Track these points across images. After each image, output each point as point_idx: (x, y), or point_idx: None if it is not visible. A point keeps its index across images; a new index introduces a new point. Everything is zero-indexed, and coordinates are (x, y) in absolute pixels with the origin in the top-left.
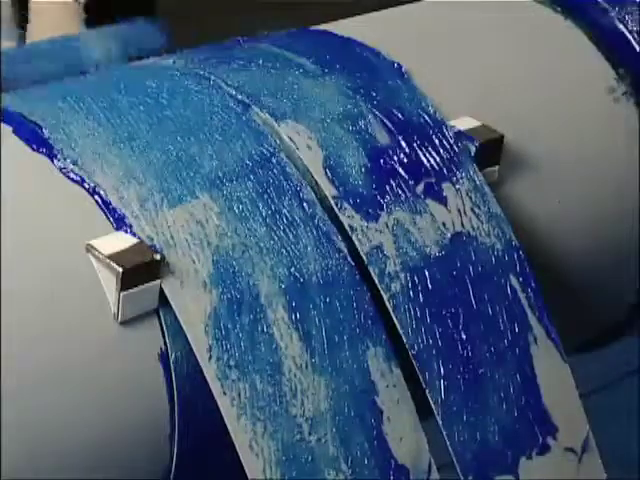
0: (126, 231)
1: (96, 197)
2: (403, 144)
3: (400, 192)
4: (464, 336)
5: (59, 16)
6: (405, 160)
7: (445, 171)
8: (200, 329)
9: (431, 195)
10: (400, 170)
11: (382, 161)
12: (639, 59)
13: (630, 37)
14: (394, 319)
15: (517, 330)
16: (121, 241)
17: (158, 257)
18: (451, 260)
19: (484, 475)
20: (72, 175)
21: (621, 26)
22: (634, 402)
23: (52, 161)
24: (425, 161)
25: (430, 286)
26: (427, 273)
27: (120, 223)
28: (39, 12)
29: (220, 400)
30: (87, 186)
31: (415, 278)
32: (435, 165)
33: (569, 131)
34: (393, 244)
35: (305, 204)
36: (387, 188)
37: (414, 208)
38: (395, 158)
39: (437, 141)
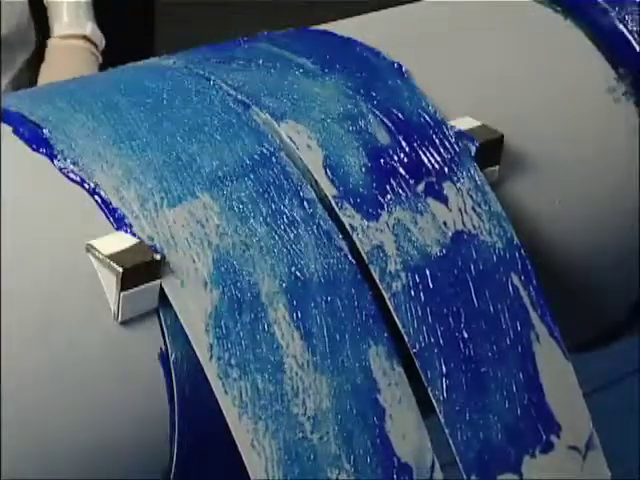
0: (126, 231)
1: (96, 197)
2: (403, 144)
3: (401, 191)
4: (466, 335)
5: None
6: (405, 160)
7: (446, 170)
8: (201, 328)
9: (432, 194)
10: (400, 170)
11: (382, 161)
12: (639, 59)
13: (630, 37)
14: (395, 318)
15: (519, 328)
16: (121, 241)
17: (158, 257)
18: (452, 259)
19: (487, 474)
20: (72, 175)
21: (621, 26)
22: (634, 401)
23: (52, 161)
24: (426, 161)
25: (431, 285)
26: (428, 272)
27: (120, 223)
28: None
29: (221, 399)
30: (87, 186)
31: (416, 277)
32: (436, 164)
33: (569, 131)
34: (394, 243)
35: (305, 203)
36: (387, 187)
37: (415, 207)
38: (395, 158)
39: (437, 141)
